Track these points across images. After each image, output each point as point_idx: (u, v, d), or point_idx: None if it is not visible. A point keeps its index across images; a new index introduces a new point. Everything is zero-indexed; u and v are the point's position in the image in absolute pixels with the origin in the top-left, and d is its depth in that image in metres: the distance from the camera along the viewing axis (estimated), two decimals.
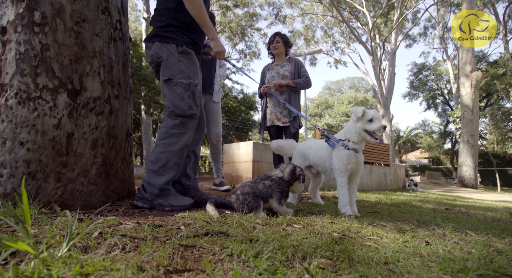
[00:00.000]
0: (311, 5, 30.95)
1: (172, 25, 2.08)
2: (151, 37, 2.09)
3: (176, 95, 2.04)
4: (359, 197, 4.45)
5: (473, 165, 12.35)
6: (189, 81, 2.07)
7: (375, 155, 7.84)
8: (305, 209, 2.12)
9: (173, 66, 2.05)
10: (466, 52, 12.84)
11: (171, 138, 2.02)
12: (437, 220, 2.40)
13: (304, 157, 2.57)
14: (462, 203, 4.89)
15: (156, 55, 2.06)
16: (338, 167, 2.20)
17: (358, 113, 2.14)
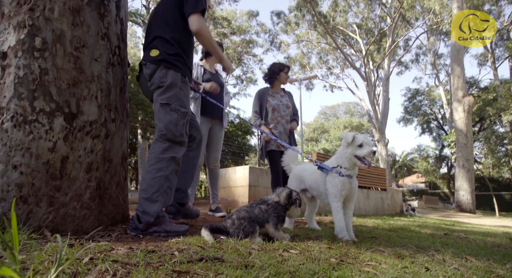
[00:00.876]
0: (306, 32, 31.84)
1: (180, 55, 2.17)
2: (159, 60, 2.12)
3: (171, 119, 2.07)
4: (356, 222, 4.39)
5: (470, 189, 12.33)
6: (185, 110, 2.14)
7: (372, 179, 7.82)
8: (301, 234, 2.08)
9: (173, 93, 2.11)
10: (457, 78, 13.15)
11: (161, 163, 2.01)
12: (436, 245, 2.37)
13: (300, 180, 2.55)
14: (461, 228, 4.83)
15: (160, 79, 2.10)
16: (332, 192, 2.20)
17: (348, 139, 2.17)
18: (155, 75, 2.11)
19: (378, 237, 2.50)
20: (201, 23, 2.15)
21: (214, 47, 2.29)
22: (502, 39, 30.01)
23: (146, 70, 2.15)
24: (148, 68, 2.13)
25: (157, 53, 2.12)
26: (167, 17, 2.21)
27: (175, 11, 2.21)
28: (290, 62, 34.50)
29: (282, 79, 3.80)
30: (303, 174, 2.55)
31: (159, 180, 1.98)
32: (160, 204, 1.96)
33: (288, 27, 30.80)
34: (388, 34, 26.11)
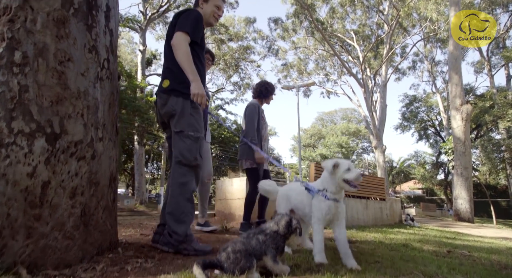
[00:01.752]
0: (304, 38, 31.90)
1: (186, 81, 2.26)
2: (170, 90, 2.29)
3: (185, 146, 2.24)
4: (356, 237, 4.26)
5: (468, 197, 12.23)
6: (197, 135, 2.30)
7: (370, 189, 7.69)
8: (302, 262, 1.95)
9: (185, 120, 2.27)
10: (455, 86, 13.12)
11: (182, 187, 2.23)
12: (443, 270, 2.24)
13: (287, 199, 2.45)
14: (463, 243, 4.71)
15: (172, 107, 2.27)
16: (316, 215, 2.15)
17: (329, 168, 2.12)
18: (168, 104, 2.28)
19: (382, 261, 2.37)
20: (181, 39, 2.26)
21: (184, 61, 2.24)
22: (498, 47, 30.25)
23: (160, 100, 2.33)
24: (161, 98, 2.32)
25: (168, 84, 2.30)
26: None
27: None
28: (288, 68, 34.58)
29: (269, 100, 3.89)
30: (289, 193, 2.47)
31: (183, 202, 2.20)
32: (187, 225, 2.20)
33: (286, 33, 30.85)
34: (385, 41, 26.20)
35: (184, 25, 2.30)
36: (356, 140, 52.40)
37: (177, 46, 2.24)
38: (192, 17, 2.37)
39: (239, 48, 31.91)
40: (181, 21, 2.33)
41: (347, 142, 47.29)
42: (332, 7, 27.70)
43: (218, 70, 32.19)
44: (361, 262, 2.17)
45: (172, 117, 2.29)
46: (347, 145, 46.85)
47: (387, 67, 27.76)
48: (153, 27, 30.45)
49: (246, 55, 32.55)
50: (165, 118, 2.36)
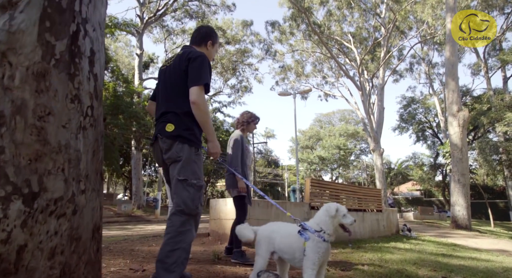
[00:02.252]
0: (301, 41, 31.89)
1: (192, 129, 2.31)
2: (175, 136, 2.27)
3: (188, 195, 2.22)
4: (351, 259, 4.22)
5: (465, 204, 12.22)
6: (200, 183, 2.30)
7: (367, 202, 7.68)
8: None
9: (188, 168, 2.25)
10: (452, 92, 13.12)
11: (180, 236, 2.17)
12: None
13: (269, 242, 2.35)
14: (459, 262, 4.68)
15: (177, 154, 2.25)
16: (311, 258, 2.11)
17: (332, 212, 2.20)
18: (172, 150, 2.26)
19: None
20: (200, 95, 2.25)
21: (206, 122, 2.31)
22: (494, 49, 30.33)
23: (163, 144, 2.30)
24: (165, 142, 2.29)
25: (172, 128, 2.27)
26: (178, 91, 2.34)
27: (184, 85, 2.31)
28: (286, 70, 34.55)
29: (251, 129, 4.06)
30: (273, 236, 2.34)
31: (178, 252, 2.13)
32: (177, 274, 2.10)
33: (283, 36, 30.84)
34: (382, 44, 26.21)
35: (201, 77, 2.28)
36: (355, 142, 52.44)
37: (199, 105, 2.23)
38: (205, 65, 2.33)
39: (237, 51, 31.89)
40: (197, 72, 2.29)
41: (345, 144, 47.30)
42: (329, 10, 27.70)
43: (216, 73, 32.13)
44: None
45: (175, 163, 2.28)
46: (344, 146, 46.85)
47: (384, 69, 27.76)
48: (150, 30, 30.41)
49: (243, 58, 32.53)
50: (167, 162, 2.33)
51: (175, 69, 2.40)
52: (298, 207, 5.67)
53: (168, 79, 2.43)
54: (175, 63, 2.41)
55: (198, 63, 2.31)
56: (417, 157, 39.71)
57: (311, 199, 5.93)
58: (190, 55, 2.35)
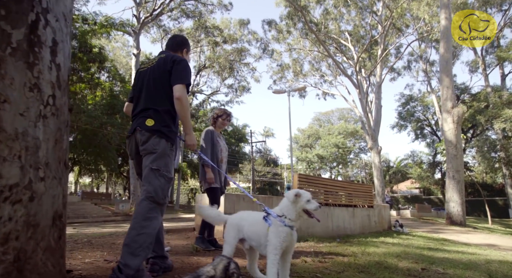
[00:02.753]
0: (298, 40, 31.84)
1: (170, 126, 2.49)
2: (154, 130, 2.43)
3: (159, 184, 2.36)
4: (334, 251, 4.23)
5: (460, 201, 12.22)
6: (170, 176, 2.45)
7: (358, 198, 7.68)
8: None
9: (163, 160, 2.42)
10: (447, 88, 13.12)
11: (147, 221, 2.27)
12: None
13: (238, 229, 2.39)
14: (443, 255, 4.69)
15: (154, 147, 2.41)
16: (273, 243, 2.15)
17: (290, 198, 2.24)
18: (149, 142, 2.42)
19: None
20: (184, 92, 2.47)
21: (186, 116, 2.51)
22: (492, 46, 30.24)
23: (141, 136, 2.44)
24: (143, 135, 2.43)
25: (152, 123, 2.43)
26: (160, 89, 2.53)
27: (166, 84, 2.50)
28: (283, 69, 34.49)
29: (219, 124, 4.22)
30: (242, 223, 2.40)
31: (144, 237, 2.22)
32: (141, 258, 2.19)
33: (280, 35, 30.79)
34: (379, 42, 26.18)
35: (185, 77, 2.50)
36: (354, 140, 52.40)
37: (182, 101, 2.44)
38: (188, 69, 2.58)
39: (234, 50, 31.85)
40: (181, 72, 2.51)
41: (343, 142, 47.24)
42: (325, 8, 27.63)
43: (213, 73, 32.12)
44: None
45: (150, 154, 2.42)
46: (343, 145, 46.80)
47: (381, 67, 27.74)
48: (147, 30, 30.39)
49: (241, 57, 32.48)
50: (142, 153, 2.47)
51: (159, 70, 2.57)
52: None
53: (150, 78, 2.59)
54: (159, 64, 2.58)
55: (182, 65, 2.54)
56: (416, 155, 39.69)
57: None
58: (174, 58, 2.57)
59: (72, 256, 2.88)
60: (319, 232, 6.17)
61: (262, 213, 2.37)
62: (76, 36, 17.52)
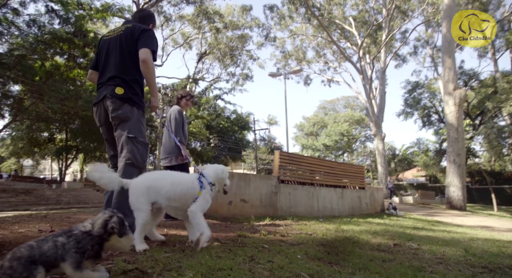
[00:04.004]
0: (301, 26, 31.21)
1: (139, 94, 2.59)
2: (125, 98, 2.48)
3: (137, 151, 2.48)
4: (304, 230, 3.99)
5: (460, 185, 11.86)
6: (146, 141, 2.58)
7: (347, 178, 7.41)
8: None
9: (137, 127, 2.51)
10: (448, 70, 12.63)
11: None
12: (371, 268, 1.97)
13: (153, 190, 2.14)
14: (426, 234, 4.43)
15: (126, 114, 2.47)
16: (203, 206, 2.23)
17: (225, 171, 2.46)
18: (120, 110, 2.46)
19: (278, 261, 2.10)
20: (150, 56, 2.50)
21: (152, 78, 2.56)
22: (502, 30, 29.19)
23: (111, 104, 2.46)
24: (114, 103, 2.46)
25: (122, 92, 2.47)
26: (128, 59, 2.56)
27: (134, 54, 2.53)
28: (286, 57, 33.92)
29: (183, 104, 4.23)
30: (158, 184, 2.17)
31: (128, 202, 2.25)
32: (131, 219, 2.13)
33: (282, 21, 30.19)
34: (383, 27, 25.51)
35: (151, 44, 2.54)
36: (360, 128, 51.80)
37: (148, 64, 2.49)
38: (155, 38, 2.64)
39: (236, 37, 31.35)
40: (148, 39, 2.54)
41: (349, 131, 46.68)
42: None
43: (214, 58, 31.72)
44: (249, 261, 1.90)
45: (124, 122, 2.48)
46: (348, 133, 46.28)
47: (386, 52, 27.10)
48: None
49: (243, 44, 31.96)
50: (114, 121, 2.50)
51: (126, 40, 2.57)
52: (264, 180, 5.45)
53: (117, 47, 2.59)
54: (127, 34, 2.58)
55: (150, 34, 2.60)
56: (422, 143, 39.03)
57: (280, 173, 5.70)
58: (143, 28, 2.61)
59: (9, 228, 2.69)
60: (302, 212, 5.94)
61: (180, 173, 2.37)
62: (71, 21, 17.29)
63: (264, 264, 1.83)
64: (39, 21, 17.31)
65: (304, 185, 6.20)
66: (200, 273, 1.53)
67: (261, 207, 5.24)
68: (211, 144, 34.48)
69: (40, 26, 17.19)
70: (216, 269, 1.62)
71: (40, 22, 17.26)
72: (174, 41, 31.43)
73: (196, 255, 1.91)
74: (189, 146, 33.68)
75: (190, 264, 1.67)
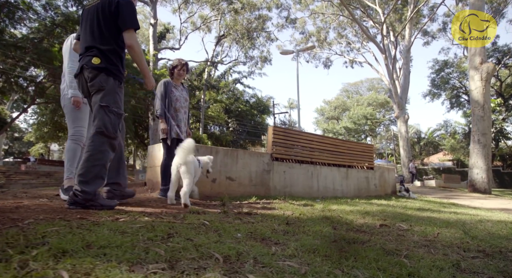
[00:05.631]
0: (322, 5, 29.95)
1: (116, 64, 2.58)
2: (101, 68, 2.51)
3: (109, 120, 2.50)
4: (290, 208, 3.60)
5: (485, 167, 10.99)
6: (120, 111, 2.59)
7: (353, 157, 6.88)
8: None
9: (111, 97, 2.53)
10: None
11: (99, 154, 2.45)
12: (320, 250, 1.58)
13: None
14: (429, 215, 3.92)
15: (101, 84, 2.50)
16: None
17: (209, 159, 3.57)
18: (96, 79, 2.50)
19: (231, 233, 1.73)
20: (134, 38, 2.57)
21: (142, 61, 2.65)
22: None
23: (89, 74, 2.52)
24: (91, 73, 2.51)
25: (98, 61, 2.49)
26: (104, 29, 2.55)
27: (111, 24, 2.54)
28: (307, 38, 32.77)
29: (176, 75, 4.08)
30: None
31: (98, 167, 2.43)
32: (96, 186, 2.41)
33: (302, 0, 29.05)
34: (409, 1, 23.98)
35: (133, 21, 2.56)
36: (384, 111, 50.03)
37: (135, 48, 2.57)
38: (135, 11, 2.63)
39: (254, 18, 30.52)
40: (128, 16, 2.54)
41: (372, 114, 45.10)
42: None
43: (232, 40, 31.11)
44: (162, 239, 1.54)
45: (99, 92, 2.51)
46: (372, 116, 44.73)
47: (411, 29, 25.58)
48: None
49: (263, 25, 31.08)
50: (91, 89, 2.55)
51: (103, 10, 2.55)
52: (255, 157, 5.05)
53: (93, 18, 2.59)
54: (103, 4, 2.56)
55: (130, 8, 2.57)
56: (449, 125, 37.17)
57: (273, 150, 5.28)
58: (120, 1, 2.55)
59: None
60: (299, 192, 5.53)
61: None
62: (83, 3, 17.21)
63: (176, 243, 1.47)
64: (55, 3, 17.38)
65: (302, 163, 5.75)
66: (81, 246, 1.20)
67: (250, 186, 4.86)
68: (230, 128, 34.28)
69: (55, 8, 17.27)
70: (97, 245, 1.27)
71: (56, 5, 17.33)
72: (193, 24, 31.01)
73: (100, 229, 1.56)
74: (208, 130, 33.65)
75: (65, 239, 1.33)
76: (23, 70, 18.90)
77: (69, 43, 3.23)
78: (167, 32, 31.06)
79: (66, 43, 3.33)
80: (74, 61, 3.10)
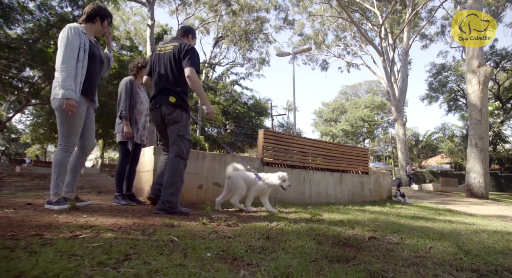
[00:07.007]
0: (321, 8, 29.88)
1: (186, 102, 3.30)
2: (177, 105, 3.18)
3: (185, 146, 3.19)
4: (268, 218, 3.43)
5: (482, 171, 10.85)
6: (190, 138, 3.26)
7: (347, 161, 6.71)
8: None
9: (185, 128, 3.23)
10: None
11: (178, 172, 3.12)
12: (295, 273, 1.41)
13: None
14: (422, 225, 3.76)
15: (178, 118, 3.18)
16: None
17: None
18: (173, 114, 3.17)
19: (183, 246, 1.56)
20: (194, 73, 3.14)
21: (200, 90, 3.23)
22: None
23: (166, 110, 3.17)
24: (169, 108, 3.16)
25: (175, 100, 3.16)
26: (177, 74, 3.20)
27: (181, 69, 3.18)
28: (305, 40, 32.67)
29: (140, 76, 3.96)
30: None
31: (177, 182, 3.09)
32: (177, 197, 3.09)
33: (301, 3, 28.96)
34: (408, 4, 23.92)
35: (194, 63, 3.15)
36: (382, 114, 49.94)
37: (192, 78, 3.12)
38: (197, 55, 3.25)
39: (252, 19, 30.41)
40: (192, 59, 3.15)
41: (370, 116, 44.99)
42: None
43: (229, 42, 30.97)
44: (116, 262, 1.37)
45: (175, 123, 3.18)
46: (369, 119, 44.62)
47: (409, 32, 25.49)
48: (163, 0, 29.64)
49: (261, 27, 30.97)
50: (168, 122, 3.19)
51: (175, 57, 3.20)
52: (244, 162, 4.88)
53: (167, 64, 3.22)
54: (174, 52, 3.21)
55: (192, 53, 3.19)
56: (447, 128, 37.10)
57: (264, 154, 5.12)
58: (187, 47, 3.21)
59: None
60: (290, 198, 5.36)
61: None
62: (79, 4, 17.05)
63: (130, 267, 1.30)
64: (49, 4, 17.19)
65: (294, 168, 5.59)
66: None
67: None
68: (227, 130, 34.09)
69: (50, 9, 17.08)
70: (29, 277, 1.10)
71: (50, 5, 17.14)
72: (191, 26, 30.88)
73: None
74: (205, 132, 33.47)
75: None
76: (18, 71, 18.69)
77: (66, 35, 2.86)
78: (164, 34, 30.89)
79: (62, 34, 2.89)
80: (71, 58, 2.82)
